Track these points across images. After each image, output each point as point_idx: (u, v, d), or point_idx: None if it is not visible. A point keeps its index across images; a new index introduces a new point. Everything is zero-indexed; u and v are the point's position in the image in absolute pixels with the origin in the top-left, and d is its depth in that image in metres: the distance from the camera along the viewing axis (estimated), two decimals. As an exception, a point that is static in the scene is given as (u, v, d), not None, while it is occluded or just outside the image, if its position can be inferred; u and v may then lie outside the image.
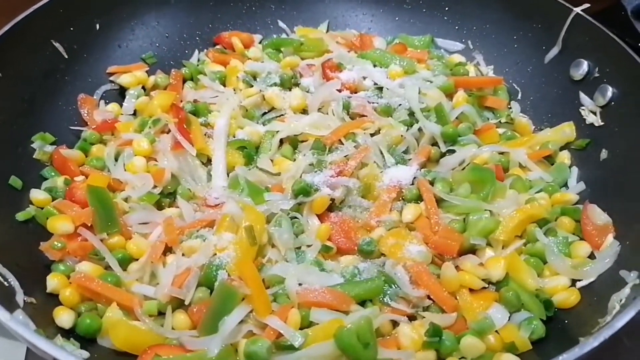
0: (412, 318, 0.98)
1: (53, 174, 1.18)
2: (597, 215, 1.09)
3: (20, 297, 0.93)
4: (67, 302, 0.97)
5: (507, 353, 0.92)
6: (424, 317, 0.96)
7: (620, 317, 0.82)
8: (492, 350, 0.93)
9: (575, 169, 1.23)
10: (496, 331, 0.95)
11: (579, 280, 1.03)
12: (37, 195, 1.12)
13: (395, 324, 0.96)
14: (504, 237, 1.06)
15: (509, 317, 0.97)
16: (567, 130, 1.27)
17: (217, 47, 1.51)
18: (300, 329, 0.92)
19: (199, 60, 1.49)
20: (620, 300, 0.91)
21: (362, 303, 0.98)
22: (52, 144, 1.22)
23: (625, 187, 1.13)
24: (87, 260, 1.03)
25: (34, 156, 1.18)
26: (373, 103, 1.28)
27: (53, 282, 0.99)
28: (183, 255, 1.02)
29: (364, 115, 1.26)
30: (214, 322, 0.90)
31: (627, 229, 1.04)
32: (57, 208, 1.09)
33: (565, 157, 1.25)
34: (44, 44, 1.27)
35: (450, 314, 0.96)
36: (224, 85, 1.38)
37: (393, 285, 0.99)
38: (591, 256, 1.07)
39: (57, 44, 1.29)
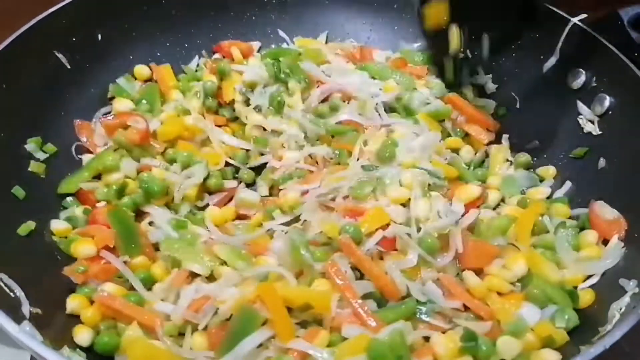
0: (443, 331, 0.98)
1: (73, 203, 1.19)
2: (606, 211, 1.10)
3: (26, 308, 0.93)
4: (88, 322, 0.98)
5: (546, 348, 0.92)
6: (458, 326, 0.96)
7: (620, 325, 0.83)
8: (530, 348, 0.93)
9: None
10: (531, 329, 0.95)
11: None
12: (58, 225, 1.12)
13: (426, 338, 0.96)
14: (521, 234, 1.07)
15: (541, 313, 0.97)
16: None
17: (216, 56, 1.52)
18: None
19: (198, 66, 1.50)
20: (620, 309, 0.92)
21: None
22: (53, 154, 1.23)
23: (622, 195, 1.14)
24: (110, 282, 1.03)
25: (28, 169, 1.18)
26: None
27: (73, 303, 1.00)
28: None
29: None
30: (232, 345, 0.89)
31: (626, 237, 1.06)
32: (80, 234, 1.09)
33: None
34: (47, 55, 1.28)
35: (486, 321, 0.96)
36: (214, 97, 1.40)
37: (425, 304, 0.98)
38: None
39: (59, 55, 1.30)
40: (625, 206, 1.11)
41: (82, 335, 0.95)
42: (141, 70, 1.44)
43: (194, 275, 1.05)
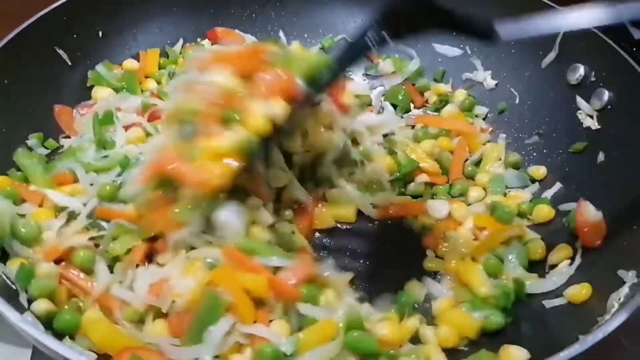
0: None
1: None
2: (590, 213, 1.10)
3: (23, 298, 0.93)
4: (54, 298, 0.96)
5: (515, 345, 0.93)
6: None
7: (619, 315, 0.83)
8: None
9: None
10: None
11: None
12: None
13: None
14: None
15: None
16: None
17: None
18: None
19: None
20: (619, 299, 0.93)
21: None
22: (55, 149, 1.23)
23: (622, 188, 1.14)
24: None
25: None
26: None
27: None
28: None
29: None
30: (199, 332, 0.89)
31: (625, 230, 1.06)
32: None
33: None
34: (48, 51, 1.29)
35: None
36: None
37: None
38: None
39: (60, 51, 1.31)
40: (624, 199, 1.11)
41: (41, 305, 0.92)
42: (129, 63, 1.43)
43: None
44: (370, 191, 1.24)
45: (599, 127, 1.26)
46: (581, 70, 1.31)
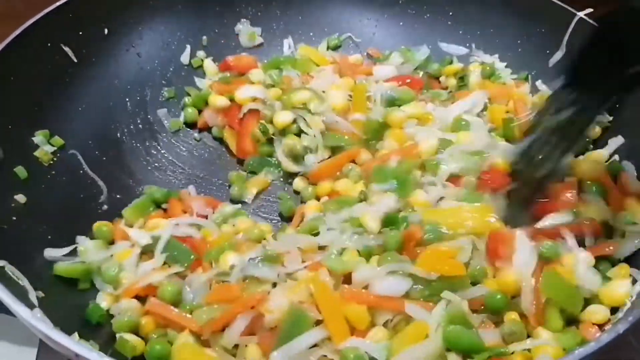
0: None
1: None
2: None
3: (33, 296, 0.93)
4: (142, 330, 0.98)
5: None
6: None
7: (632, 312, 0.83)
8: None
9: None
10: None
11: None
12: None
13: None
14: None
15: None
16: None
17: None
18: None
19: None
20: (631, 297, 0.92)
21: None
22: (60, 147, 1.23)
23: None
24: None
25: (34, 153, 1.18)
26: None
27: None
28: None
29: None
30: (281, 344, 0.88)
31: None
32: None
33: None
34: (54, 48, 1.28)
35: None
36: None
37: None
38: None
39: (66, 48, 1.30)
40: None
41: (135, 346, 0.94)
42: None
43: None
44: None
45: (610, 119, 1.25)
46: (588, 69, 1.31)
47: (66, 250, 1.07)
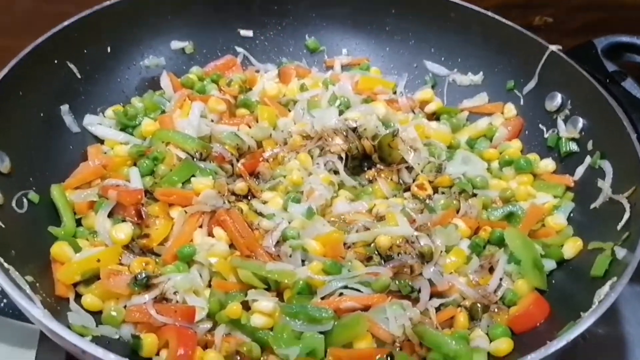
0: None
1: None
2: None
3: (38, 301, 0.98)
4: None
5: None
6: None
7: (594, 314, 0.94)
8: None
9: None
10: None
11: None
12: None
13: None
14: None
15: None
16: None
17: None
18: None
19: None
20: (600, 296, 1.00)
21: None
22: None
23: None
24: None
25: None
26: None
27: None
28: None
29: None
30: None
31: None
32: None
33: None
34: (60, 65, 1.36)
35: None
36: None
37: None
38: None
39: (71, 65, 1.38)
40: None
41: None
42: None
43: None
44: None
45: (577, 150, 1.35)
46: (559, 98, 1.42)
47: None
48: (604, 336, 1.32)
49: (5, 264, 0.97)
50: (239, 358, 1.00)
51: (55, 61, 1.35)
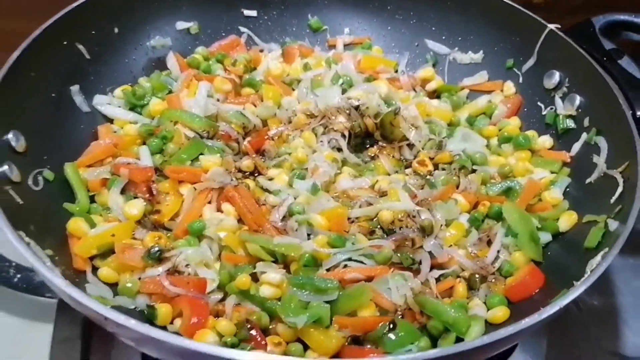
0: None
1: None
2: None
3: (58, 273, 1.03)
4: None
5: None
6: None
7: (588, 280, 0.98)
8: None
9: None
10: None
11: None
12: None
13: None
14: None
15: None
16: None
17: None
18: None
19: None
20: (592, 266, 1.05)
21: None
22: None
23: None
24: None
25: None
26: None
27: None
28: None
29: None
30: None
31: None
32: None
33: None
34: (70, 46, 1.39)
35: None
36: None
37: None
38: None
39: (80, 46, 1.41)
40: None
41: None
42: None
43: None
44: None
45: (574, 126, 1.39)
46: (557, 76, 1.45)
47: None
48: (598, 307, 1.38)
49: (27, 238, 1.01)
50: (249, 326, 1.05)
51: (65, 42, 1.38)
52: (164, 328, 1.05)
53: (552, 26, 1.44)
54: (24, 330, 1.25)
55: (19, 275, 1.24)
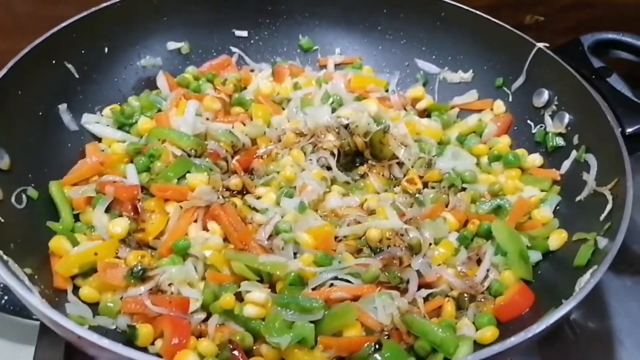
0: None
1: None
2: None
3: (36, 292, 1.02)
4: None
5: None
6: None
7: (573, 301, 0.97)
8: None
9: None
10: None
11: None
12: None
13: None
14: None
15: None
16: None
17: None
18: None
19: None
20: (580, 284, 1.04)
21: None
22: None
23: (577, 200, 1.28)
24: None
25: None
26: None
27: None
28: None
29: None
30: None
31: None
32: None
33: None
34: (59, 66, 1.39)
35: None
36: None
37: None
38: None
39: (69, 65, 1.41)
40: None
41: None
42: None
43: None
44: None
45: (563, 144, 1.38)
46: (546, 94, 1.45)
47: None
48: (594, 329, 1.35)
49: (5, 256, 1.00)
50: (231, 347, 1.03)
51: (54, 61, 1.38)
52: (144, 349, 1.03)
53: (540, 45, 1.45)
54: (9, 353, 1.22)
55: (6, 297, 1.22)
